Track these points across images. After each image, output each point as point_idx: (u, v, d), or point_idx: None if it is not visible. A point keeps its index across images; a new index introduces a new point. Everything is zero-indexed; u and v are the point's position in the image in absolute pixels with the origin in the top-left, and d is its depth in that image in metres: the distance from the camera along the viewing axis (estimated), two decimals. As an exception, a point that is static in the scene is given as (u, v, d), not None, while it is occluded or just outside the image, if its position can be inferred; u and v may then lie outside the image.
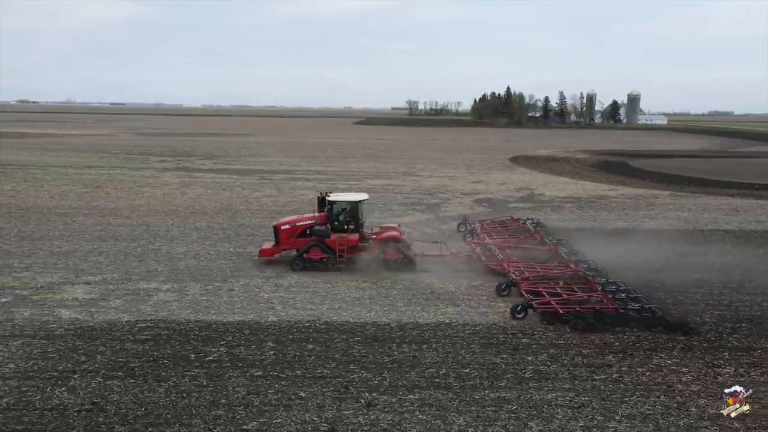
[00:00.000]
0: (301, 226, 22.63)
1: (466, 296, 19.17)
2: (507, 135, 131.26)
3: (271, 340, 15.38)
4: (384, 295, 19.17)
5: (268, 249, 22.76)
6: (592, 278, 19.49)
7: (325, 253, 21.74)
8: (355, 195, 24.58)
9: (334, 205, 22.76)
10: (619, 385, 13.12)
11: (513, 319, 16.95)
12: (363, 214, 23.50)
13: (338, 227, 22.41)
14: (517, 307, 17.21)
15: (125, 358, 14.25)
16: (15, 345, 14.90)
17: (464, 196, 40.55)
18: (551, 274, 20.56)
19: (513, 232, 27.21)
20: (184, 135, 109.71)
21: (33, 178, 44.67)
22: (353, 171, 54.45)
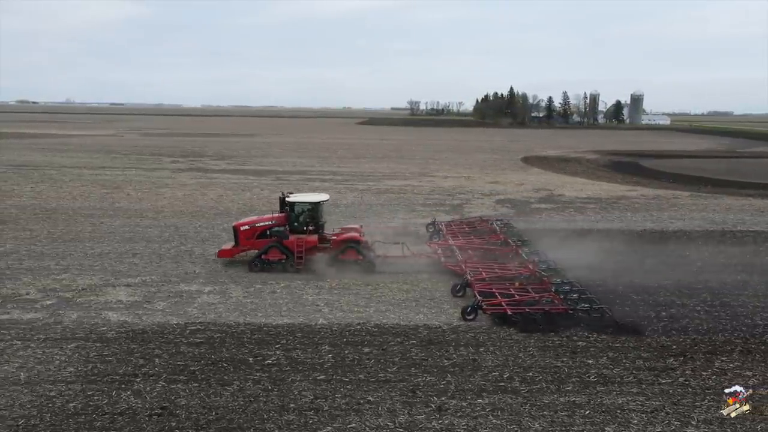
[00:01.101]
0: (260, 226, 22.45)
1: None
2: (511, 135, 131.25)
3: (326, 344, 15.28)
4: (428, 297, 19.07)
5: (227, 249, 22.54)
6: (546, 279, 19.23)
7: (284, 255, 21.56)
8: (315, 196, 24.31)
9: (293, 206, 22.52)
10: (687, 389, 13.03)
11: (464, 320, 16.88)
12: (323, 215, 23.28)
13: (298, 228, 22.16)
14: (467, 308, 17.18)
15: (183, 361, 14.14)
16: (70, 348, 14.79)
17: (484, 197, 40.48)
18: (508, 274, 20.41)
19: (479, 233, 27.13)
20: (190, 135, 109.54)
21: (50, 179, 44.51)
22: (367, 172, 54.35)
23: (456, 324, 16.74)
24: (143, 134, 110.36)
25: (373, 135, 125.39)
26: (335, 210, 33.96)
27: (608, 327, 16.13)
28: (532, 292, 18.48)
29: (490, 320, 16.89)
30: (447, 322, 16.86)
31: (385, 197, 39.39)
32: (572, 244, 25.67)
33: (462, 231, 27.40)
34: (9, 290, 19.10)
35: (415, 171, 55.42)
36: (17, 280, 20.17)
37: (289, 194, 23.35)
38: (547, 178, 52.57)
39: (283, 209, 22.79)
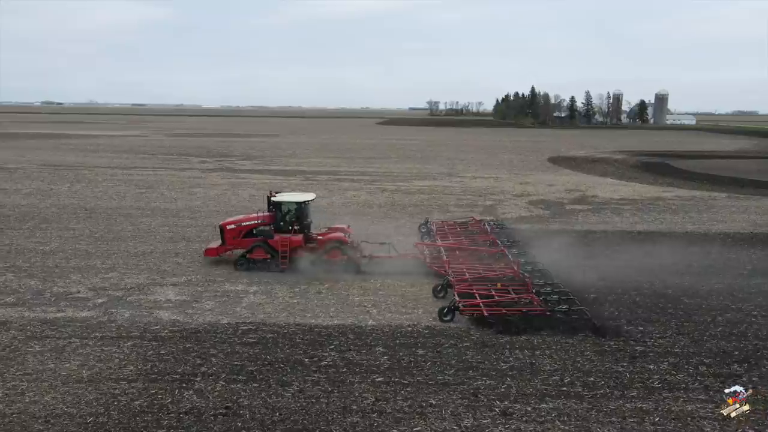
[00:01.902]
0: (246, 225, 22.48)
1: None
2: (534, 135, 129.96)
3: (379, 345, 15.20)
4: (475, 300, 18.90)
5: (213, 248, 22.64)
6: (529, 280, 18.94)
7: (269, 254, 21.55)
8: (301, 195, 23.91)
9: (279, 206, 22.43)
10: (757, 397, 12.66)
11: (441, 321, 16.70)
12: (309, 214, 23.11)
13: (284, 228, 22.10)
14: (443, 309, 17.00)
15: (240, 361, 14.18)
16: (127, 346, 14.94)
17: (517, 198, 40.08)
18: (491, 275, 20.06)
19: (469, 233, 26.76)
20: (213, 136, 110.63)
21: (85, 179, 45.23)
22: (395, 172, 54.24)
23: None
24: (169, 135, 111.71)
25: (394, 135, 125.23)
26: (369, 211, 34.02)
27: (587, 329, 15.91)
28: (513, 293, 18.22)
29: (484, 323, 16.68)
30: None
31: (416, 198, 39.22)
32: (619, 247, 25.30)
33: (454, 231, 27.16)
34: (60, 288, 19.41)
35: (442, 171, 55.15)
36: (67, 278, 20.50)
37: (276, 193, 23.31)
38: (578, 178, 51.89)
39: (270, 209, 22.78)
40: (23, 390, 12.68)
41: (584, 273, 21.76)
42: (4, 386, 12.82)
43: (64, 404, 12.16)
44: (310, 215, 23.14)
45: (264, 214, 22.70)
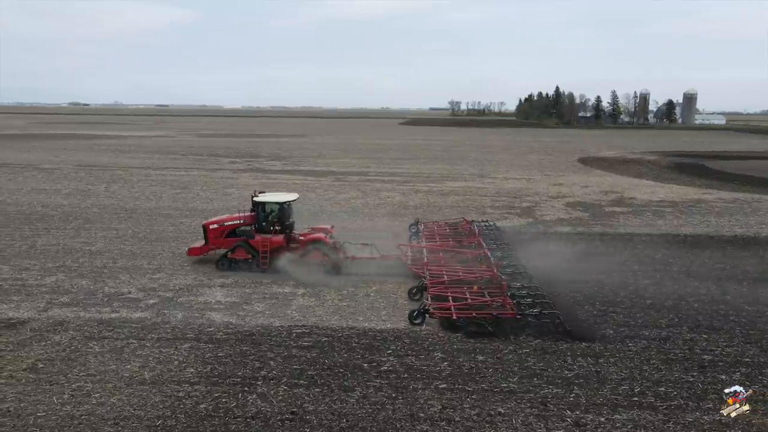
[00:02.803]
0: (228, 225, 22.57)
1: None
2: (560, 136, 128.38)
3: (437, 350, 14.94)
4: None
5: (197, 248, 22.77)
6: (505, 283, 18.51)
7: (250, 254, 21.61)
8: (283, 195, 23.82)
9: (260, 206, 22.44)
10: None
11: (411, 324, 16.42)
12: (291, 214, 23.07)
13: (266, 228, 22.15)
14: (413, 312, 16.72)
15: (299, 365, 14.05)
16: (184, 348, 14.93)
17: (553, 200, 39.46)
18: (470, 278, 19.62)
19: (456, 235, 26.13)
20: (238, 136, 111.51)
21: (120, 179, 45.82)
22: (425, 173, 53.91)
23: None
24: (196, 135, 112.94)
25: (418, 135, 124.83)
26: (405, 212, 33.77)
27: (558, 333, 15.66)
28: (487, 296, 17.76)
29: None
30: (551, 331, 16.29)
31: (451, 199, 38.86)
32: (667, 251, 24.66)
33: (442, 233, 26.76)
34: (112, 289, 19.56)
35: (473, 172, 54.65)
36: (116, 278, 20.66)
37: (259, 193, 23.34)
38: (612, 180, 50.94)
39: (251, 209, 22.87)
40: (89, 391, 12.73)
41: (636, 279, 21.28)
42: (69, 387, 12.89)
43: (131, 406, 12.16)
44: (292, 215, 23.21)
45: (246, 214, 22.84)
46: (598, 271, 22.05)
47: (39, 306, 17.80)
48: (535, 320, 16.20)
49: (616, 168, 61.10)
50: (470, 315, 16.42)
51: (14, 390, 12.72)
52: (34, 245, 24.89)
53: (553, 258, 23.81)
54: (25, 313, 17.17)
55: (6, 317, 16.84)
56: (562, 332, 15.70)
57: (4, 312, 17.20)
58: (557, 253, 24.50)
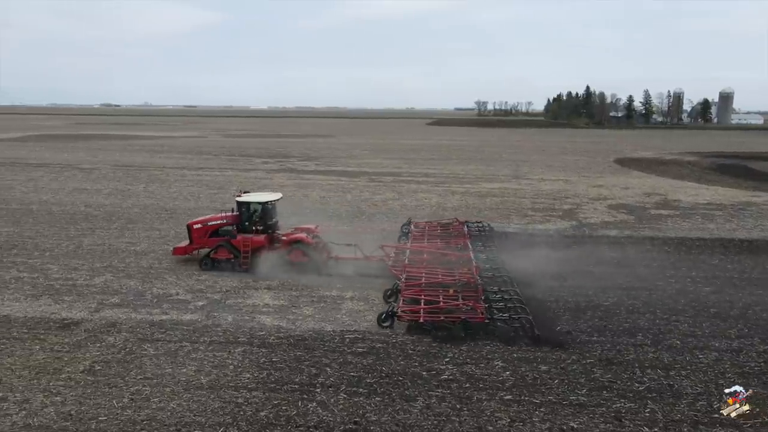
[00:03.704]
0: (212, 225, 22.70)
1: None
2: (592, 136, 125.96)
3: (497, 359, 14.41)
4: (585, 311, 17.86)
5: (181, 247, 22.93)
6: (481, 286, 18.07)
7: (232, 254, 21.65)
8: (265, 195, 23.83)
9: (242, 206, 22.49)
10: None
11: (380, 327, 16.09)
12: (274, 214, 23.10)
13: (249, 228, 22.22)
14: (381, 315, 16.37)
15: (356, 372, 13.69)
16: (238, 352, 14.71)
17: (594, 202, 38.41)
18: (448, 281, 19.04)
19: (447, 236, 25.43)
20: (268, 136, 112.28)
21: (157, 180, 46.32)
22: (459, 174, 53.22)
23: (630, 342, 15.45)
24: (226, 135, 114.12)
25: (446, 136, 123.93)
26: (444, 214, 33.23)
27: (528, 339, 15.26)
28: (461, 299, 17.20)
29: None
30: (613, 340, 15.59)
31: (489, 201, 38.15)
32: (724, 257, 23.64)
33: (433, 233, 26.12)
34: (160, 290, 19.53)
35: (507, 173, 53.75)
36: (163, 279, 20.65)
37: (243, 192, 23.44)
38: (653, 181, 49.48)
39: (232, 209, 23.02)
40: (147, 395, 12.57)
41: (695, 286, 20.39)
42: (128, 390, 12.76)
43: (191, 412, 11.96)
44: (275, 215, 23.23)
45: (229, 213, 22.92)
46: (654, 278, 21.23)
47: (91, 306, 17.85)
48: (504, 325, 15.84)
49: (655, 169, 59.42)
50: (438, 319, 16.10)
51: (74, 393, 12.66)
52: (80, 245, 25.13)
53: (606, 263, 23.12)
54: (78, 314, 17.22)
55: (60, 317, 16.92)
56: (531, 337, 15.33)
57: (58, 312, 17.29)
58: (609, 259, 23.77)
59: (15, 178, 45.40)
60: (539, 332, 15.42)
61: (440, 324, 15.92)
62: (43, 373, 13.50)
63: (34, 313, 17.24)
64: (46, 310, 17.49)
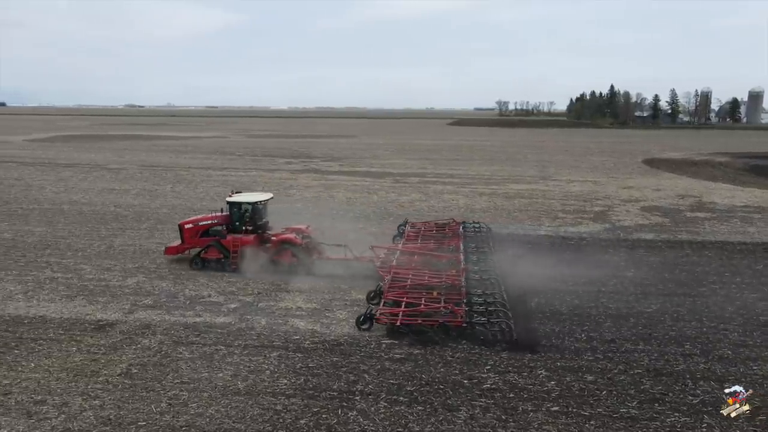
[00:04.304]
0: (202, 225, 22.92)
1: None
2: (616, 136, 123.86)
3: (541, 368, 13.93)
4: (627, 318, 17.24)
5: (173, 247, 23.09)
6: (464, 289, 17.70)
7: (221, 254, 21.79)
8: (255, 195, 23.90)
9: (232, 206, 22.68)
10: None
11: (359, 330, 15.95)
12: (265, 215, 23.22)
13: (238, 228, 22.41)
14: (360, 317, 16.24)
15: (395, 380, 13.34)
16: (273, 357, 14.47)
17: (626, 204, 37.51)
18: (434, 283, 18.61)
19: (439, 237, 24.89)
20: (289, 137, 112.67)
21: (184, 180, 46.60)
22: (485, 175, 52.57)
23: (678, 351, 14.84)
24: (248, 136, 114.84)
25: (468, 136, 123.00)
26: (473, 216, 32.72)
27: (504, 343, 15.02)
28: (443, 302, 16.78)
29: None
30: (660, 350, 14.99)
31: (517, 203, 37.52)
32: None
33: (428, 234, 25.61)
34: (192, 291, 19.44)
35: (533, 174, 52.94)
36: (195, 281, 20.55)
37: (235, 193, 23.69)
38: (685, 183, 48.24)
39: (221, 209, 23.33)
40: (185, 400, 12.39)
41: (741, 293, 19.60)
42: (165, 395, 12.60)
43: (230, 419, 11.73)
44: (265, 215, 23.29)
45: (219, 213, 23.14)
46: (697, 283, 20.50)
47: (124, 308, 17.82)
48: (483, 329, 15.53)
49: (685, 170, 57.98)
50: (416, 322, 15.84)
51: (112, 396, 12.54)
52: (111, 245, 25.25)
53: (645, 268, 22.42)
54: (113, 315, 17.20)
55: (95, 319, 16.90)
56: (508, 342, 15.09)
57: (93, 313, 17.28)
58: (648, 263, 23.07)
59: (45, 179, 46.12)
60: (516, 336, 15.18)
61: (418, 327, 15.63)
62: (81, 375, 13.44)
63: (69, 314, 17.27)
64: (81, 311, 17.52)
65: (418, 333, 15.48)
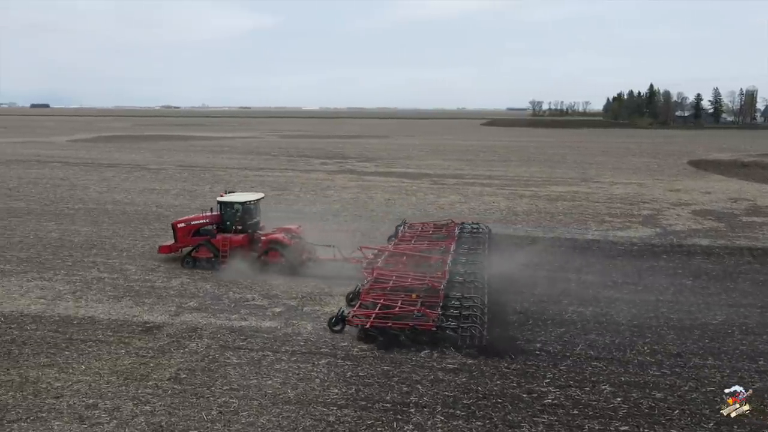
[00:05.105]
0: (194, 225, 23.19)
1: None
2: (657, 137, 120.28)
3: (603, 382, 13.17)
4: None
5: (167, 246, 23.38)
6: (442, 292, 17.35)
7: (211, 253, 21.94)
8: (246, 195, 24.25)
9: (222, 206, 22.93)
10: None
11: (330, 331, 15.76)
12: (256, 214, 23.48)
13: (229, 227, 22.63)
14: (332, 318, 16.08)
15: (451, 392, 12.77)
16: (322, 365, 14.07)
17: (676, 207, 36.01)
18: (416, 285, 18.19)
19: (437, 238, 24.35)
20: (323, 137, 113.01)
21: (222, 180, 46.90)
22: (523, 176, 51.44)
23: (752, 368, 13.84)
24: (281, 136, 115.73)
25: (502, 136, 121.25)
26: (516, 218, 31.90)
27: (473, 348, 14.64)
28: (419, 305, 16.41)
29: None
30: (732, 365, 14.02)
31: (561, 205, 36.41)
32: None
33: (424, 234, 24.98)
34: (235, 294, 19.25)
35: (574, 176, 51.53)
36: (238, 283, 20.35)
37: (227, 193, 24.16)
38: (736, 185, 46.18)
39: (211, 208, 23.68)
40: (236, 408, 12.09)
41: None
42: (215, 402, 12.32)
43: (282, 429, 11.36)
44: (256, 215, 23.49)
45: (211, 213, 23.35)
46: (763, 294, 19.30)
47: (170, 310, 17.73)
48: (453, 333, 15.10)
49: (735, 172, 55.63)
50: (385, 325, 15.50)
51: (162, 402, 12.33)
52: (155, 246, 25.30)
53: (704, 277, 21.27)
54: (159, 317, 17.12)
55: (142, 320, 16.85)
56: (478, 347, 14.73)
57: (140, 315, 17.24)
58: (706, 271, 21.90)
59: (89, 178, 47.12)
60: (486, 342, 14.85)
61: (388, 330, 15.30)
62: (131, 379, 13.31)
63: (117, 315, 17.27)
64: (128, 312, 17.51)
65: (390, 336, 15.16)
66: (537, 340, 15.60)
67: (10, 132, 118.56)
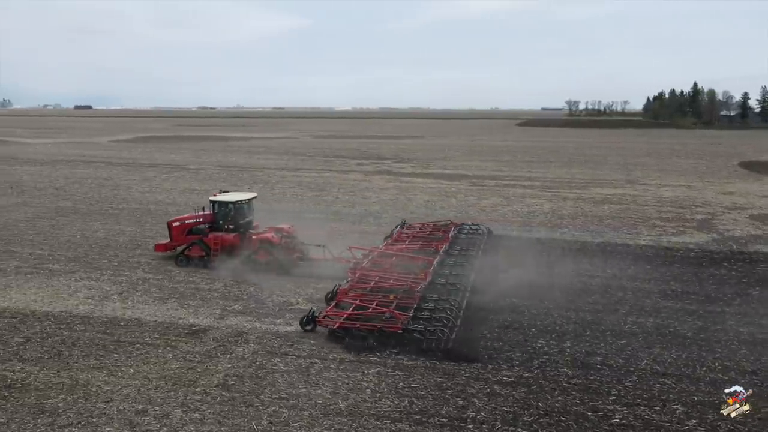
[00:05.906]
0: (189, 224, 23.51)
1: None
2: (702, 137, 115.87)
3: (674, 401, 12.28)
4: (765, 346, 15.13)
5: (162, 244, 23.74)
6: (418, 294, 17.23)
7: (204, 252, 22.23)
8: (238, 195, 24.54)
9: (214, 205, 23.22)
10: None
11: (303, 331, 15.77)
12: (249, 213, 23.57)
13: (221, 226, 22.88)
14: (303, 318, 16.03)
15: (509, 407, 12.09)
16: (372, 374, 13.57)
17: (731, 211, 34.26)
18: (396, 286, 18.05)
19: (426, 239, 24.15)
20: (357, 137, 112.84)
21: (260, 181, 47.13)
22: (565, 177, 50.01)
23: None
24: (316, 137, 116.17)
25: (539, 137, 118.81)
26: (562, 222, 30.81)
27: (438, 352, 14.45)
28: (393, 307, 16.17)
29: None
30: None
31: (607, 209, 35.08)
32: None
33: (419, 235, 24.54)
34: (279, 297, 18.96)
35: (619, 178, 49.82)
36: (282, 286, 20.04)
37: (221, 192, 24.41)
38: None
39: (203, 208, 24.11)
40: (286, 419, 11.70)
41: None
42: (265, 411, 11.96)
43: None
44: (249, 214, 23.62)
45: (204, 212, 23.72)
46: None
47: (215, 313, 17.55)
48: (420, 336, 14.89)
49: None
50: (354, 326, 15.40)
51: (211, 410, 12.04)
52: (198, 246, 25.39)
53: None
54: (204, 320, 16.94)
55: (188, 323, 16.69)
56: (442, 351, 14.51)
57: (185, 318, 17.10)
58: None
59: (131, 178, 47.97)
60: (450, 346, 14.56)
61: (355, 331, 15.16)
62: (179, 384, 13.09)
63: (163, 317, 17.18)
64: (174, 314, 17.40)
65: (359, 338, 14.92)
66: (597, 352, 14.77)
67: (56, 132, 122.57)
